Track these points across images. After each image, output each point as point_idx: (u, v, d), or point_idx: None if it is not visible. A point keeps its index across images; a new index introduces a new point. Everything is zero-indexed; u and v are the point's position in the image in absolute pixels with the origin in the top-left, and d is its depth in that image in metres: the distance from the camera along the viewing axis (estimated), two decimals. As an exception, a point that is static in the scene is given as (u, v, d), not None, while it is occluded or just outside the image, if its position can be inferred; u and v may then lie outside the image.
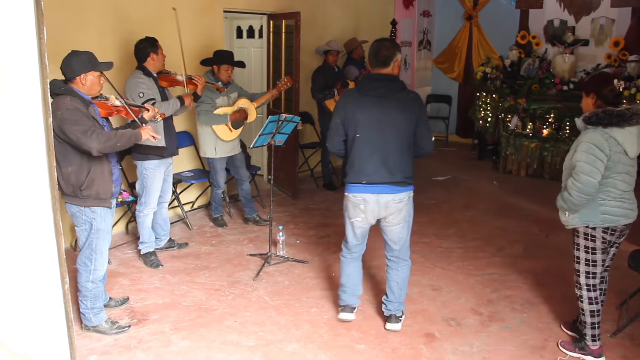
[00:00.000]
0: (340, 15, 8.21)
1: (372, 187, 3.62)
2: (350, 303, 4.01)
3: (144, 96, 4.56)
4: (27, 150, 2.55)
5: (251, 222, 5.99)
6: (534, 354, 3.66)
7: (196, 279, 4.67)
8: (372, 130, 3.56)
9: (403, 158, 3.61)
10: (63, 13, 4.85)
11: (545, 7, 9.33)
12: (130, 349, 3.66)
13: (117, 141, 3.52)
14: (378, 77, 3.60)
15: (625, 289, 4.32)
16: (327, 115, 7.04)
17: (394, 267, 3.90)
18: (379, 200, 3.64)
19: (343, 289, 4.02)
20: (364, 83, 3.66)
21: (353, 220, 3.81)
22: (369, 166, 3.60)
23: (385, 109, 3.53)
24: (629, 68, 8.06)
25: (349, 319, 4.00)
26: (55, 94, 3.45)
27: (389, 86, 3.57)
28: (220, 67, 5.43)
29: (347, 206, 3.81)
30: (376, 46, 3.60)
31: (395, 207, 3.66)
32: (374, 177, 3.60)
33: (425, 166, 8.59)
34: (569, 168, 3.45)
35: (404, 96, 3.59)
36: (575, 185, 3.31)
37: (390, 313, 3.93)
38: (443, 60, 10.74)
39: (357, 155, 3.63)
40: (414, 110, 3.57)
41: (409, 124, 3.55)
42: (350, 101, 3.64)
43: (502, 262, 5.09)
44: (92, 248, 3.71)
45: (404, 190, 3.66)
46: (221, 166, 5.68)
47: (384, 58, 3.56)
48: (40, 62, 2.46)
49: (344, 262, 4.01)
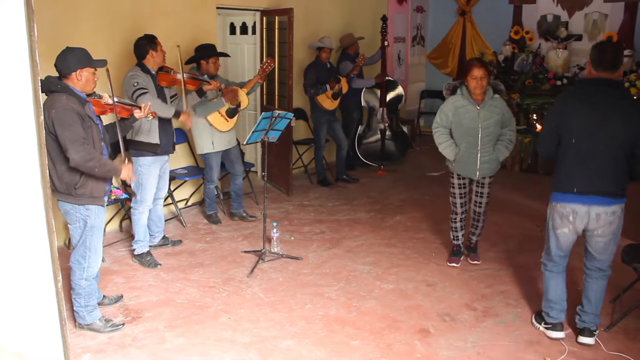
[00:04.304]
0: (334, 11, 8.20)
1: (583, 198, 3.43)
2: (561, 320, 3.77)
3: (137, 85, 4.55)
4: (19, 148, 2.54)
5: (237, 218, 6.00)
6: (528, 349, 3.67)
7: (190, 276, 4.66)
8: (589, 138, 3.36)
9: (618, 168, 3.38)
10: (54, 10, 4.82)
11: (538, 2, 9.36)
12: (124, 347, 3.65)
13: (97, 166, 3.46)
14: (600, 81, 3.39)
15: (618, 284, 4.34)
16: (319, 112, 7.04)
17: (593, 277, 3.67)
18: (590, 211, 3.43)
19: (550, 305, 3.77)
20: (583, 87, 3.50)
21: (559, 232, 3.59)
22: (582, 175, 3.41)
23: (604, 116, 3.33)
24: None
25: (560, 337, 3.75)
26: (50, 91, 3.42)
27: (611, 92, 3.37)
28: (208, 60, 5.42)
29: (554, 216, 3.61)
30: (611, 49, 3.39)
31: (606, 220, 3.44)
32: (586, 187, 3.41)
33: (420, 162, 8.61)
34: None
35: (627, 104, 3.37)
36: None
37: (585, 326, 3.70)
38: (437, 56, 10.75)
39: (569, 163, 3.45)
40: (634, 118, 3.31)
41: (628, 134, 3.31)
42: (567, 105, 3.47)
43: (496, 257, 5.10)
44: (85, 246, 3.69)
45: (617, 203, 3.43)
46: (217, 161, 5.67)
47: (614, 62, 3.36)
48: (31, 59, 2.45)
49: (549, 277, 3.77)
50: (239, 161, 5.87)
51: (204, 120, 5.44)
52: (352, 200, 6.76)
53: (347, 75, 7.20)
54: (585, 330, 3.69)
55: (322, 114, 7.06)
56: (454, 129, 4.60)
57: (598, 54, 3.39)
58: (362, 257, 5.09)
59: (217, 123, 5.45)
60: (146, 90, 4.59)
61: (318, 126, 7.16)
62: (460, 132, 4.56)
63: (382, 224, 5.96)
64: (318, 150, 7.27)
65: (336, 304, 4.23)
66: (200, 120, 5.45)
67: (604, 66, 3.37)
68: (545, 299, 3.81)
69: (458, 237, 4.93)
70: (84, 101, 3.53)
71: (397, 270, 4.82)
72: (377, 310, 4.13)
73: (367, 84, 7.73)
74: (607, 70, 3.37)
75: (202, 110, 5.38)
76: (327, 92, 6.91)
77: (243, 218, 5.99)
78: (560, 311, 3.76)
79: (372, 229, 5.81)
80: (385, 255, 5.12)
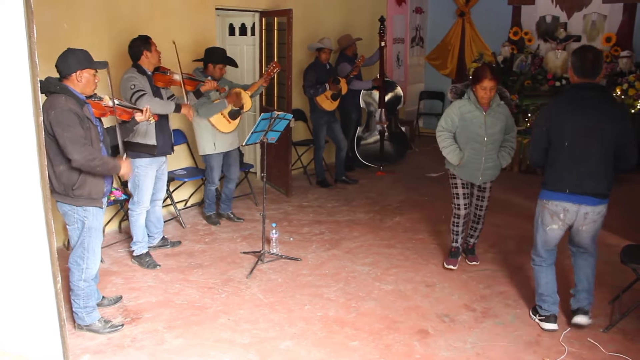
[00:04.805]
0: (333, 13, 8.20)
1: (575, 197, 3.59)
2: (554, 312, 3.90)
3: (135, 88, 4.55)
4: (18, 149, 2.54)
5: (224, 218, 6.02)
6: (527, 349, 3.67)
7: (189, 277, 4.66)
8: (580, 140, 3.53)
9: (608, 170, 3.58)
10: (54, 11, 4.82)
11: (537, 3, 9.36)
12: (123, 348, 3.65)
13: (99, 165, 3.49)
14: (589, 86, 3.56)
15: (617, 284, 4.34)
16: (319, 112, 7.05)
17: (580, 256, 3.89)
18: (579, 210, 3.61)
19: (543, 299, 3.92)
20: (572, 92, 3.62)
21: (548, 228, 3.77)
22: (574, 176, 3.57)
23: (594, 119, 3.50)
24: (621, 64, 8.10)
25: (554, 328, 3.87)
26: (49, 92, 3.42)
27: (599, 96, 3.55)
28: (216, 65, 5.44)
29: (543, 213, 3.77)
30: (589, 56, 3.55)
31: (592, 219, 3.63)
32: (578, 188, 3.58)
33: (419, 163, 8.61)
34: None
35: (612, 106, 3.58)
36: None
37: (578, 305, 3.87)
38: (436, 57, 10.75)
39: (561, 165, 3.62)
40: (621, 120, 3.53)
41: (614, 135, 3.50)
42: (559, 109, 3.63)
43: (495, 258, 5.11)
44: (84, 247, 3.69)
45: (603, 203, 3.63)
46: (218, 163, 5.67)
47: (594, 70, 3.53)
48: (30, 60, 2.45)
49: (539, 271, 3.94)
50: (237, 165, 5.87)
51: (206, 122, 5.45)
52: (351, 201, 6.76)
53: (346, 76, 7.21)
54: (579, 309, 3.84)
55: (321, 115, 7.07)
56: (458, 134, 4.56)
57: (579, 61, 3.56)
58: (361, 258, 5.09)
59: (219, 124, 5.46)
60: (144, 91, 4.59)
61: (317, 127, 7.16)
62: (465, 137, 4.53)
63: (381, 224, 5.96)
64: (317, 151, 7.27)
65: (335, 305, 4.23)
66: (203, 121, 5.45)
67: (585, 74, 3.56)
68: (537, 292, 3.97)
69: (458, 239, 4.91)
70: (83, 102, 3.53)
71: (396, 271, 4.83)
72: (376, 311, 4.13)
73: (365, 86, 7.73)
74: (587, 77, 3.56)
75: (205, 111, 5.38)
76: (327, 92, 6.91)
77: (230, 219, 6.01)
78: (552, 304, 3.90)
79: (371, 229, 5.81)
80: (384, 256, 5.12)
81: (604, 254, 4.26)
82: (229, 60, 5.62)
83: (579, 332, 3.85)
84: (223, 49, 5.68)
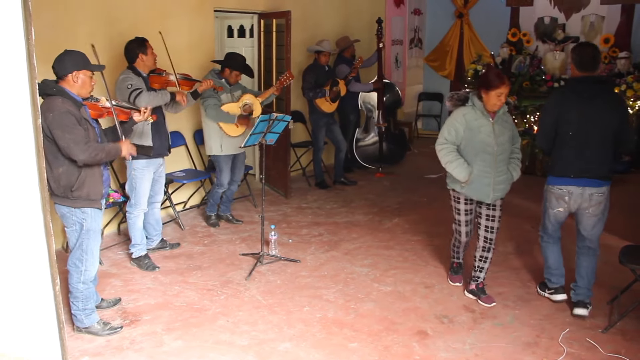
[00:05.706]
0: (331, 14, 8.21)
1: (578, 180, 3.91)
2: (561, 284, 4.27)
3: (132, 87, 4.55)
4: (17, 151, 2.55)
5: (223, 220, 6.03)
6: (526, 350, 3.67)
7: (188, 279, 4.66)
8: (584, 128, 3.85)
9: (608, 154, 3.90)
10: (52, 13, 4.82)
11: (535, 4, 9.37)
12: (122, 350, 3.65)
13: (103, 156, 3.59)
14: (590, 79, 3.89)
15: (616, 285, 4.35)
16: (318, 114, 7.05)
17: (584, 254, 4.12)
18: (583, 192, 3.92)
19: (551, 272, 4.29)
20: (576, 85, 3.95)
21: (555, 211, 4.10)
22: (579, 162, 3.89)
23: (599, 109, 3.83)
24: (619, 65, 8.10)
25: (564, 298, 4.24)
26: (46, 94, 3.43)
27: (601, 87, 3.91)
28: (232, 72, 5.50)
29: (550, 197, 4.10)
30: (588, 50, 3.92)
31: (597, 200, 3.92)
32: (582, 173, 3.89)
33: (417, 164, 8.62)
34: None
35: (614, 96, 4.01)
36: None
37: (579, 299, 4.09)
38: (434, 58, 10.76)
39: (567, 152, 3.93)
40: (620, 108, 3.94)
41: (614, 122, 3.84)
42: (564, 100, 3.94)
43: (494, 259, 5.07)
44: (82, 249, 3.69)
45: (606, 184, 3.94)
46: (227, 165, 5.67)
47: (594, 63, 3.89)
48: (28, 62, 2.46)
49: (546, 247, 4.30)
50: (242, 168, 5.90)
51: (214, 123, 5.50)
52: (350, 202, 6.76)
53: (345, 78, 7.21)
54: (579, 302, 4.08)
55: (320, 117, 7.07)
56: (464, 146, 4.09)
57: (579, 56, 3.93)
58: (360, 259, 5.09)
59: (227, 128, 5.51)
60: (141, 89, 4.59)
61: (316, 129, 7.17)
62: (473, 149, 4.06)
63: (380, 226, 5.96)
64: (316, 153, 7.28)
65: (334, 306, 4.23)
66: (212, 123, 5.51)
67: (585, 67, 3.91)
68: (546, 266, 4.32)
69: (459, 256, 4.62)
70: (80, 104, 3.54)
71: (395, 272, 4.83)
72: (375, 313, 4.14)
73: (365, 88, 7.74)
74: (588, 70, 3.90)
75: (214, 115, 5.42)
76: (326, 96, 6.93)
77: (229, 221, 6.02)
78: (559, 276, 4.27)
79: (370, 231, 5.81)
80: (383, 258, 5.12)
81: (603, 255, 4.27)
82: (246, 68, 5.67)
83: (577, 332, 3.86)
84: (243, 57, 5.72)
